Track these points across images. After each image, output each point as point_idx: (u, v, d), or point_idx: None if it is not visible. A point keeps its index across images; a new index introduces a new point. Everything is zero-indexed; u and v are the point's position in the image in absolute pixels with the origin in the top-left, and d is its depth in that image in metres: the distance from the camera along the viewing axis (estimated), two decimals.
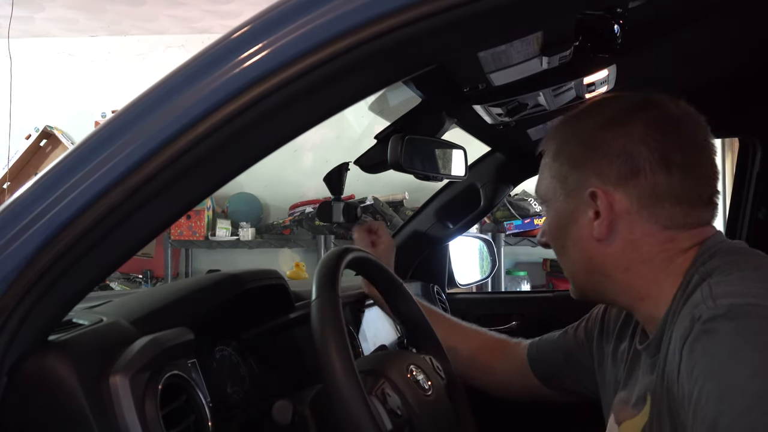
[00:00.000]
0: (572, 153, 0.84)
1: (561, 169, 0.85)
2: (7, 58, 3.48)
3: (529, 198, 3.41)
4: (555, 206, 0.86)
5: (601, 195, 0.79)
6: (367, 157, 1.27)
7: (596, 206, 0.80)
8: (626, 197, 0.78)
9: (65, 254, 0.62)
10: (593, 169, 0.80)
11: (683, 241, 0.78)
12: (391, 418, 0.84)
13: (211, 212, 3.70)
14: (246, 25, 0.61)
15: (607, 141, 0.80)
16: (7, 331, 0.62)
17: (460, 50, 0.77)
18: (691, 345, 0.65)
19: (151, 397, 0.68)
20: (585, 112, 0.87)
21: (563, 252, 0.88)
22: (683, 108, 0.81)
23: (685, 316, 0.68)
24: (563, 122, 0.89)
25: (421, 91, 1.17)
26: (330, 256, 0.92)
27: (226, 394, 0.96)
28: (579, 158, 0.82)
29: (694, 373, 0.63)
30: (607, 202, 0.79)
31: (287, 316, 1.14)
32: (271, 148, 0.65)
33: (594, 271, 0.84)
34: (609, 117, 0.82)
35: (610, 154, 0.79)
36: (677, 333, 0.69)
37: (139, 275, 3.80)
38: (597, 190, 0.79)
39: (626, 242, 0.79)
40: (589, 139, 0.82)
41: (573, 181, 0.83)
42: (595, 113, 0.85)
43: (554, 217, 0.87)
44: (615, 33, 0.99)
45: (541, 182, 0.90)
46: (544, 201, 0.90)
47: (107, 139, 0.63)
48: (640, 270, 0.79)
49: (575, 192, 0.82)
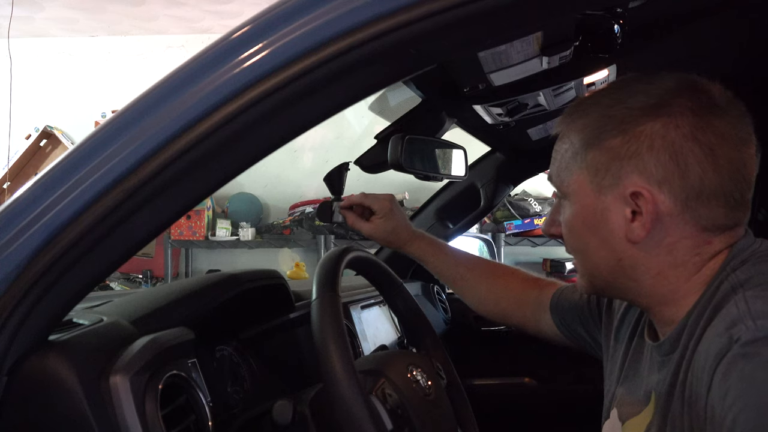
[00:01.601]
0: (610, 143, 0.72)
1: (593, 160, 0.74)
2: (7, 58, 3.48)
3: (529, 198, 3.41)
4: (581, 201, 0.76)
5: (646, 195, 0.70)
6: (367, 157, 1.27)
7: (635, 206, 0.71)
8: (671, 197, 0.70)
9: (65, 254, 0.62)
10: (636, 164, 0.71)
11: (716, 245, 0.73)
12: (391, 417, 0.84)
13: (211, 212, 3.70)
14: (246, 25, 0.61)
15: (653, 133, 0.70)
16: (7, 331, 0.62)
17: (460, 50, 0.77)
18: (727, 366, 0.60)
19: (151, 397, 0.68)
20: (622, 93, 0.74)
21: (585, 250, 0.79)
22: (728, 96, 0.72)
23: (720, 331, 0.64)
24: (595, 103, 0.76)
25: (421, 91, 1.17)
26: (330, 256, 0.92)
27: (226, 394, 0.96)
28: (618, 149, 0.72)
29: (728, 398, 0.59)
30: (652, 203, 0.70)
31: (287, 316, 1.14)
32: (271, 149, 0.65)
33: (620, 273, 0.76)
34: (653, 103, 0.71)
35: (656, 148, 0.70)
36: (710, 348, 0.64)
37: (139, 275, 3.80)
38: (641, 189, 0.70)
39: (662, 245, 0.73)
40: (632, 128, 0.71)
41: (609, 175, 0.73)
42: (636, 95, 0.73)
43: (579, 212, 0.77)
44: (615, 33, 0.99)
45: (562, 171, 0.78)
46: (565, 193, 0.79)
47: (107, 139, 0.63)
48: (670, 275, 0.74)
49: (611, 188, 0.73)
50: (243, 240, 3.60)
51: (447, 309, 1.93)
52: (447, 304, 1.94)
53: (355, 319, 1.39)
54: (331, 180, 1.21)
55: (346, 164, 1.24)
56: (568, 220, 0.79)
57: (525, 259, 3.64)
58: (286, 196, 3.82)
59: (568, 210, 0.79)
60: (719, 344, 0.62)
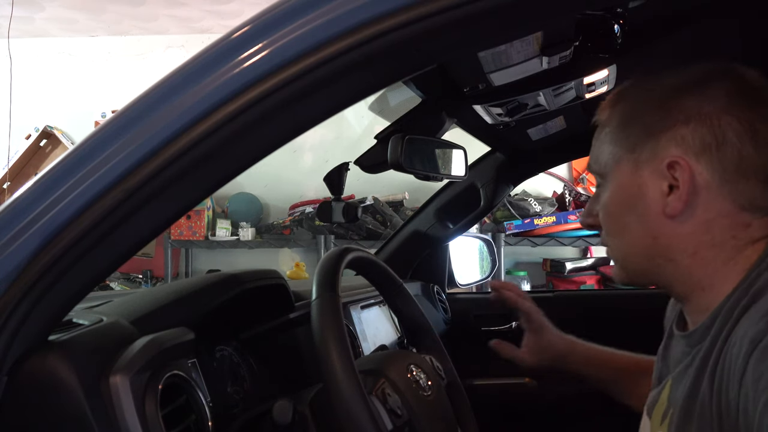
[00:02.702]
0: (647, 119, 0.74)
1: (630, 137, 0.76)
2: (7, 58, 3.48)
3: (529, 198, 3.41)
4: (619, 179, 0.77)
5: (683, 165, 0.71)
6: (367, 157, 1.27)
7: (672, 179, 0.72)
8: (709, 169, 0.70)
9: (65, 254, 0.62)
10: (673, 135, 0.72)
11: (756, 230, 0.72)
12: (392, 418, 0.84)
13: (211, 212, 3.70)
14: (246, 25, 0.61)
15: (690, 107, 0.72)
16: (7, 331, 0.62)
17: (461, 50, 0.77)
18: (762, 351, 0.60)
19: (151, 397, 0.68)
20: (659, 76, 0.77)
21: (621, 231, 0.79)
22: (762, 79, 0.74)
23: (756, 319, 0.63)
24: (630, 86, 0.80)
25: (421, 91, 1.17)
26: (330, 256, 0.92)
27: (226, 394, 0.96)
28: (655, 124, 0.73)
29: (762, 381, 0.58)
30: (689, 173, 0.70)
31: (287, 316, 1.14)
32: (271, 148, 0.65)
33: (656, 254, 0.76)
34: (687, 80, 0.74)
35: (693, 121, 0.71)
36: (746, 335, 0.63)
37: (139, 275, 3.80)
38: (678, 159, 0.71)
39: (699, 222, 0.72)
40: (669, 104, 0.73)
41: (646, 149, 0.74)
42: (670, 77, 0.76)
43: (616, 190, 0.78)
44: (615, 33, 0.99)
45: (601, 154, 0.80)
46: (602, 175, 0.80)
47: (107, 139, 0.63)
48: (708, 256, 0.73)
49: (648, 162, 0.74)
50: (243, 240, 3.60)
51: (447, 309, 1.93)
52: (447, 304, 1.94)
53: (355, 319, 1.39)
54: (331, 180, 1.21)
55: (346, 164, 1.24)
56: (605, 203, 0.80)
57: (525, 259, 3.64)
58: (286, 196, 3.82)
59: (605, 193, 0.80)
60: (755, 330, 0.62)
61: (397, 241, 1.92)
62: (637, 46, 1.09)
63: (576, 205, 3.38)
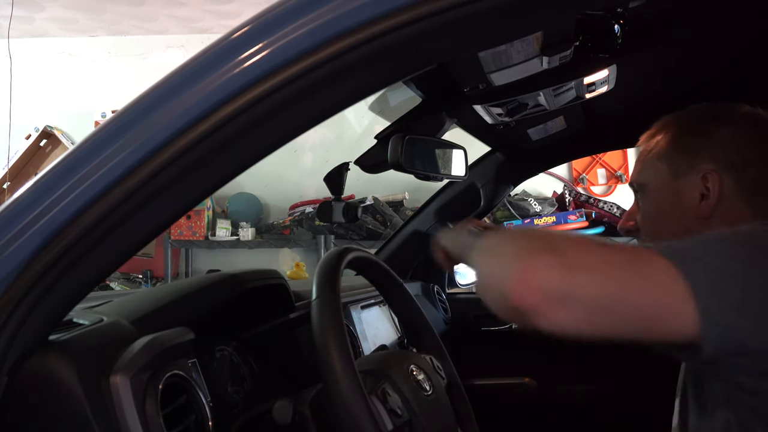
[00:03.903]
0: (688, 141, 0.93)
1: (674, 156, 0.93)
2: (7, 58, 3.48)
3: (529, 198, 3.41)
4: (659, 188, 0.94)
5: (715, 177, 0.88)
6: (367, 157, 1.27)
7: (704, 188, 0.89)
8: (734, 183, 0.88)
9: (65, 254, 0.62)
10: (708, 155, 0.90)
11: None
12: (392, 418, 0.84)
13: (211, 212, 3.70)
14: (246, 26, 0.61)
15: (723, 135, 0.90)
16: (7, 331, 0.62)
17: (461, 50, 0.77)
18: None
19: (151, 397, 0.68)
20: (694, 112, 0.96)
21: (659, 233, 0.94)
22: None
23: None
24: (671, 117, 0.98)
25: (422, 91, 1.17)
26: (330, 256, 0.92)
27: (226, 394, 0.96)
28: (694, 146, 0.91)
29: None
30: (718, 183, 0.88)
31: (287, 316, 1.14)
32: (271, 149, 0.65)
33: None
34: (719, 114, 0.93)
35: (724, 145, 0.89)
36: None
37: (139, 275, 3.80)
38: (711, 172, 0.88)
39: (723, 223, 0.85)
40: (706, 131, 0.92)
41: (685, 164, 0.91)
42: (705, 112, 0.95)
43: (656, 198, 0.95)
44: (615, 33, 0.99)
45: (645, 169, 0.97)
46: (645, 185, 0.97)
47: (107, 139, 0.63)
48: None
49: (686, 174, 0.91)
50: (243, 240, 3.60)
51: (447, 309, 1.93)
52: (447, 304, 1.94)
53: (355, 319, 1.39)
54: (331, 180, 1.21)
55: (346, 164, 1.24)
56: (645, 210, 0.97)
57: None
58: (286, 196, 3.82)
59: (645, 201, 0.97)
60: None
61: (397, 241, 1.93)
62: (637, 46, 1.09)
63: (576, 205, 3.38)
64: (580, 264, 0.62)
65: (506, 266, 0.63)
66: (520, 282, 0.61)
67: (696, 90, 1.39)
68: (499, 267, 0.65)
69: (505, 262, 0.64)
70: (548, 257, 0.61)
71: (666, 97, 1.41)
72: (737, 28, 1.17)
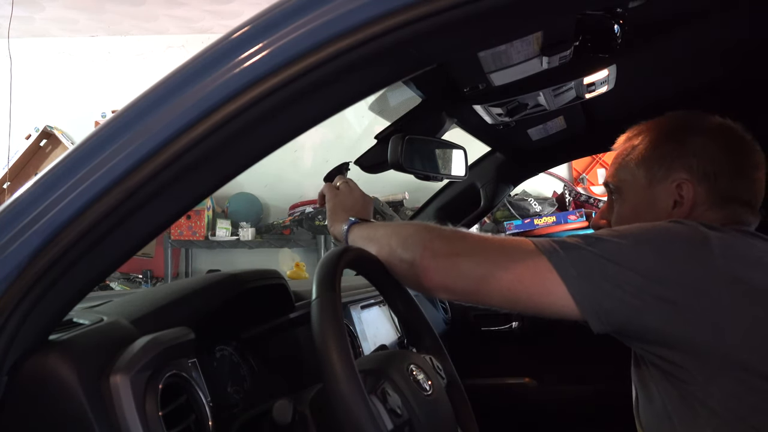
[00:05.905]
0: (664, 150, 0.97)
1: (651, 163, 0.97)
2: (7, 58, 3.48)
3: (529, 198, 3.41)
4: (635, 192, 0.99)
5: (688, 186, 0.93)
6: (367, 157, 1.27)
7: (677, 195, 0.94)
8: (706, 192, 0.93)
9: (65, 254, 0.62)
10: (683, 165, 0.94)
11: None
12: (392, 417, 0.84)
13: (211, 212, 3.70)
14: (246, 26, 0.61)
15: (699, 145, 0.94)
16: (7, 330, 0.62)
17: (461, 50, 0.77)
18: None
19: (151, 397, 0.68)
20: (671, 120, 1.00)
21: None
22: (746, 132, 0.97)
23: None
24: (647, 124, 1.02)
25: (421, 91, 1.17)
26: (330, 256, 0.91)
27: (226, 394, 0.96)
28: (670, 155, 0.96)
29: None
30: (692, 192, 0.93)
31: (287, 316, 1.14)
32: (271, 149, 0.65)
33: None
34: (695, 124, 0.97)
35: (699, 156, 0.94)
36: None
37: (139, 275, 3.80)
38: (685, 181, 0.93)
39: None
40: (682, 141, 0.96)
41: (662, 171, 0.96)
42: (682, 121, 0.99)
43: (633, 201, 0.99)
44: (615, 33, 0.99)
45: (621, 171, 1.01)
46: (620, 188, 1.01)
47: (107, 139, 0.63)
48: None
49: (661, 181, 0.96)
50: (243, 240, 3.60)
51: (447, 309, 1.93)
52: (447, 304, 1.94)
53: (355, 319, 1.39)
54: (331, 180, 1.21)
55: (346, 164, 1.24)
56: (620, 212, 1.01)
57: None
58: (286, 196, 3.82)
59: (620, 203, 1.01)
60: None
61: None
62: (637, 46, 1.09)
63: (576, 205, 3.38)
64: (460, 247, 0.85)
65: (408, 241, 0.90)
66: (423, 248, 0.86)
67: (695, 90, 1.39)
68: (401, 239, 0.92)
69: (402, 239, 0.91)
70: (438, 240, 0.86)
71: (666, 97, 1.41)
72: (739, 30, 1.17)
